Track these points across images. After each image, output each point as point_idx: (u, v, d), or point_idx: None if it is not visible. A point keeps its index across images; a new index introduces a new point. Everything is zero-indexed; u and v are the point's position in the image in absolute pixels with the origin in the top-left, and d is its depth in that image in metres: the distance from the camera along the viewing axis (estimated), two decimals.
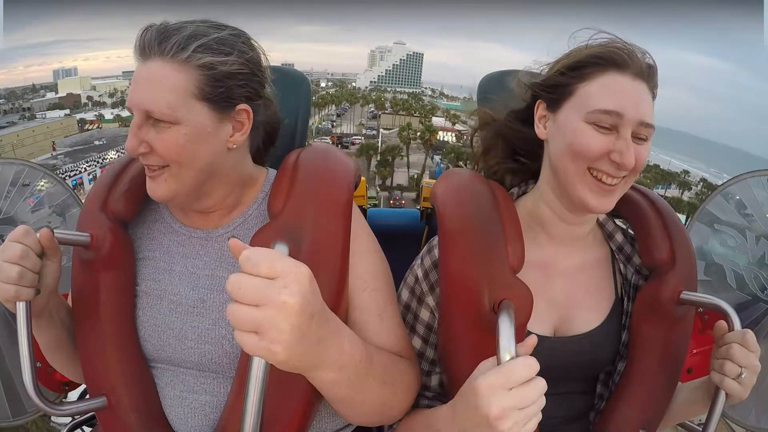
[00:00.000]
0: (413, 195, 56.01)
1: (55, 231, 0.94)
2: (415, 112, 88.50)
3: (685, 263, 1.08)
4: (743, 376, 0.93)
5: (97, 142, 67.58)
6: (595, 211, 1.01)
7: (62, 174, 55.24)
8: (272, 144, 1.23)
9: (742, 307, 1.37)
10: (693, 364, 1.30)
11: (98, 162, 61.29)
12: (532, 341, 0.79)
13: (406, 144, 66.86)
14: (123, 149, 0.97)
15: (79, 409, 1.02)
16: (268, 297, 0.63)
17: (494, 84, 1.30)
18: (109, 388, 1.02)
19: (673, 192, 64.77)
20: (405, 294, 1.15)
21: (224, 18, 1.04)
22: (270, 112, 1.16)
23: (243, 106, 1.00)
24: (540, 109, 1.08)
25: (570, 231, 1.10)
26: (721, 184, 1.47)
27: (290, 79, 1.32)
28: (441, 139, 68.68)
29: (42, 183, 1.49)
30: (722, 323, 0.99)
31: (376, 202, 54.43)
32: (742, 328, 0.96)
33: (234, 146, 1.01)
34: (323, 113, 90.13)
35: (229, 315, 0.63)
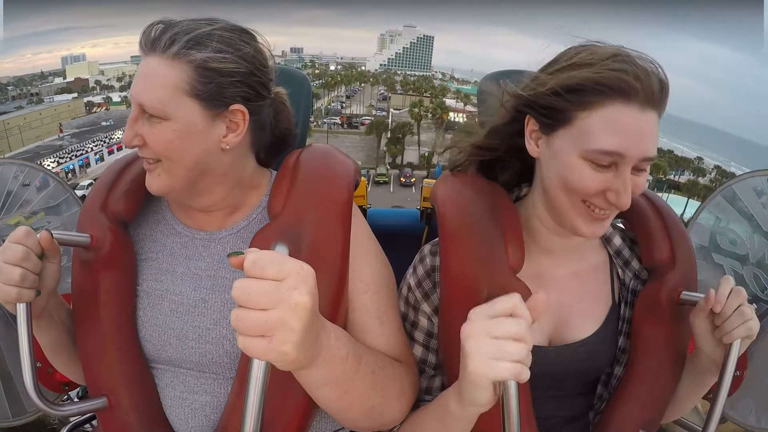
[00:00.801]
0: (424, 173, 55.39)
1: (54, 232, 0.94)
2: (425, 92, 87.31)
3: (685, 263, 1.08)
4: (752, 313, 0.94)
5: (104, 123, 67.12)
6: (587, 237, 0.98)
7: (68, 154, 54.63)
8: (281, 152, 1.20)
9: None
10: None
11: (105, 142, 60.53)
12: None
13: (417, 121, 66.11)
14: None
15: (79, 409, 1.02)
16: (280, 299, 0.63)
17: (495, 84, 1.29)
18: (109, 388, 1.02)
19: (687, 177, 64.27)
20: (401, 305, 1.14)
21: (231, 2, 1.03)
22: (282, 117, 1.15)
23: (238, 106, 0.98)
24: (531, 124, 1.00)
25: (563, 242, 1.08)
26: (721, 185, 1.47)
27: (291, 79, 1.32)
28: (452, 119, 68.50)
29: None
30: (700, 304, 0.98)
31: (386, 179, 53.89)
32: None
33: (227, 147, 1.00)
34: (333, 95, 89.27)
35: (234, 322, 0.63)
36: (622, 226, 1.18)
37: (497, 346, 0.73)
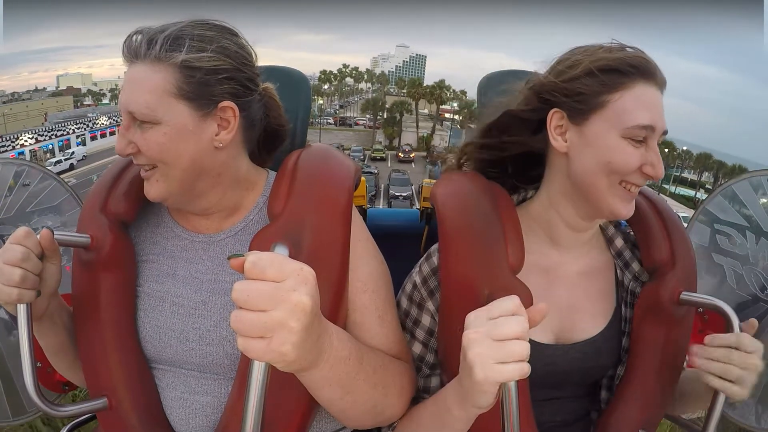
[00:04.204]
0: (423, 154, 56.13)
1: (54, 232, 0.94)
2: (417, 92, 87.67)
3: (685, 263, 1.08)
4: (745, 379, 0.92)
5: (90, 115, 65.72)
6: (625, 217, 1.01)
7: (48, 132, 52.82)
8: (275, 148, 1.21)
9: (742, 307, 1.36)
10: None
11: (87, 125, 57.86)
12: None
13: (415, 100, 65.99)
14: (116, 115, 0.96)
15: (80, 409, 1.02)
16: (279, 300, 0.63)
17: (494, 84, 1.29)
18: (109, 388, 1.02)
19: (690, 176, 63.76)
20: (404, 302, 1.14)
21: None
22: (273, 112, 1.14)
23: (227, 103, 0.98)
24: (555, 119, 1.02)
25: (575, 237, 1.09)
26: (721, 185, 1.46)
27: (290, 79, 1.32)
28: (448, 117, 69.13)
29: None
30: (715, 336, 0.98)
31: (383, 155, 55.24)
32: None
33: (221, 145, 1.00)
34: (328, 102, 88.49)
35: (234, 323, 0.63)
36: (627, 230, 1.19)
37: (501, 349, 0.73)
